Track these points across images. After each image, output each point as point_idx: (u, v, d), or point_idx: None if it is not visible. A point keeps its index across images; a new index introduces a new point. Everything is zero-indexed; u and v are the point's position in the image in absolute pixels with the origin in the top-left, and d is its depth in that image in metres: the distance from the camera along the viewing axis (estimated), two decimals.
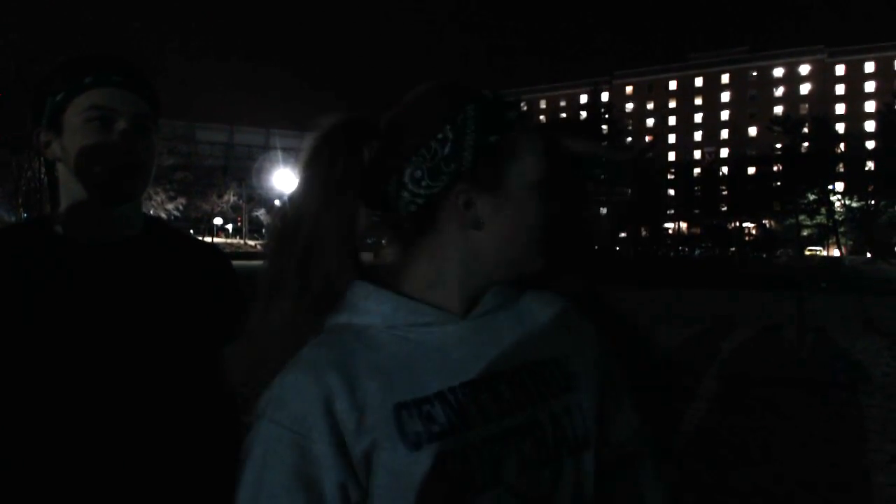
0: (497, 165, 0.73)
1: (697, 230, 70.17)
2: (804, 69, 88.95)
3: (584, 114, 66.22)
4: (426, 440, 0.68)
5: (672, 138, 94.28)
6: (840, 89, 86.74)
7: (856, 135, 68.78)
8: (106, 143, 1.06)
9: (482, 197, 0.73)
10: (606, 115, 65.99)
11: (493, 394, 0.72)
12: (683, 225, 74.50)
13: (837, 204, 60.14)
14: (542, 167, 0.75)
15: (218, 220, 73.61)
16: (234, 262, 1.35)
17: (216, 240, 66.58)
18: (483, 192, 0.73)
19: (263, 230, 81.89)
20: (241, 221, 77.26)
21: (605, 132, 63.57)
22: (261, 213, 78.27)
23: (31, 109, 1.13)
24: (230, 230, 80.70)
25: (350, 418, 0.67)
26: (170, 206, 59.56)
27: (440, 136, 0.71)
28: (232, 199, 73.39)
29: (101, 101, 1.06)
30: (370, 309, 0.74)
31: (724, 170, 73.07)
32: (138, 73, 1.12)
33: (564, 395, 0.76)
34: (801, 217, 61.08)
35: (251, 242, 70.93)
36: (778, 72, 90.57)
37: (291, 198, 0.73)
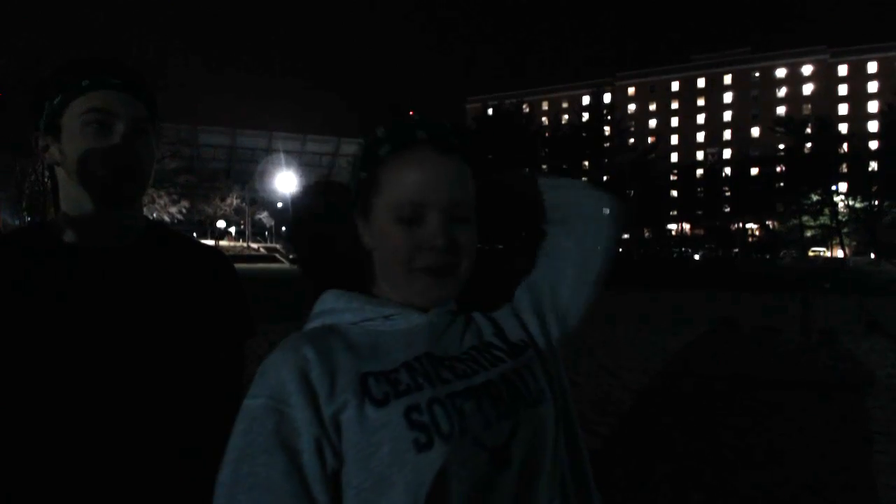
0: (367, 198, 0.86)
1: (700, 231, 70.00)
2: (807, 70, 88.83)
3: (586, 115, 66.06)
4: (393, 397, 0.75)
5: (675, 139, 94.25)
6: (843, 90, 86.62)
7: (859, 135, 68.42)
8: (104, 146, 1.06)
9: (364, 226, 0.87)
10: (609, 117, 65.86)
11: (450, 365, 0.82)
12: (686, 226, 74.32)
13: (841, 205, 59.93)
14: (400, 195, 0.82)
15: (221, 223, 73.69)
16: (236, 266, 1.35)
17: (221, 243, 66.62)
18: (364, 222, 0.87)
19: (266, 233, 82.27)
20: (244, 224, 77.37)
21: (607, 134, 63.52)
22: (264, 216, 78.47)
23: (30, 113, 1.13)
24: (233, 233, 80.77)
25: (323, 383, 0.76)
26: (173, 210, 59.74)
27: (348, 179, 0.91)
28: (235, 201, 73.54)
29: (99, 103, 1.06)
30: (341, 307, 0.87)
31: (727, 171, 72.79)
32: (136, 76, 1.11)
33: (511, 361, 0.86)
34: (805, 218, 60.88)
35: (254, 245, 70.97)
36: (780, 72, 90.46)
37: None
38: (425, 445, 0.72)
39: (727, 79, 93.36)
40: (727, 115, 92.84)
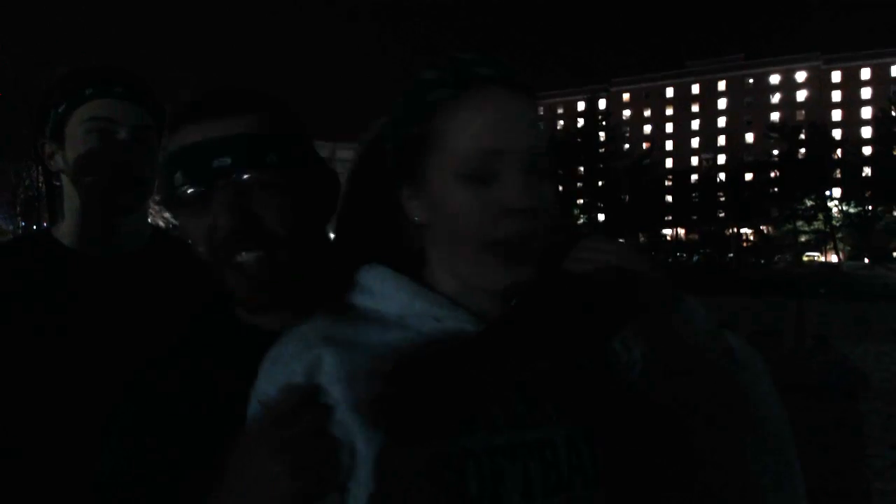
0: (416, 158, 0.72)
1: (695, 236, 70.18)
2: (800, 76, 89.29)
3: (581, 121, 66.33)
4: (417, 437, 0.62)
5: (669, 145, 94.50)
6: (836, 96, 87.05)
7: (852, 141, 68.81)
8: (103, 154, 1.06)
9: (413, 196, 0.72)
10: (604, 123, 66.19)
11: (502, 403, 0.64)
12: (681, 231, 74.53)
13: (835, 210, 60.21)
14: (466, 146, 0.67)
15: None
16: None
17: None
18: (413, 191, 0.72)
19: None
20: None
21: (602, 139, 63.77)
22: None
23: (34, 121, 1.14)
24: None
25: (336, 389, 0.63)
26: (167, 214, 59.56)
27: None
28: None
29: (101, 111, 1.07)
30: (386, 293, 0.69)
31: (722, 176, 73.09)
32: (140, 84, 1.12)
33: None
34: (799, 223, 61.14)
35: None
36: (774, 79, 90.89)
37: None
38: None
39: (721, 85, 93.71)
40: (721, 121, 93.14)
